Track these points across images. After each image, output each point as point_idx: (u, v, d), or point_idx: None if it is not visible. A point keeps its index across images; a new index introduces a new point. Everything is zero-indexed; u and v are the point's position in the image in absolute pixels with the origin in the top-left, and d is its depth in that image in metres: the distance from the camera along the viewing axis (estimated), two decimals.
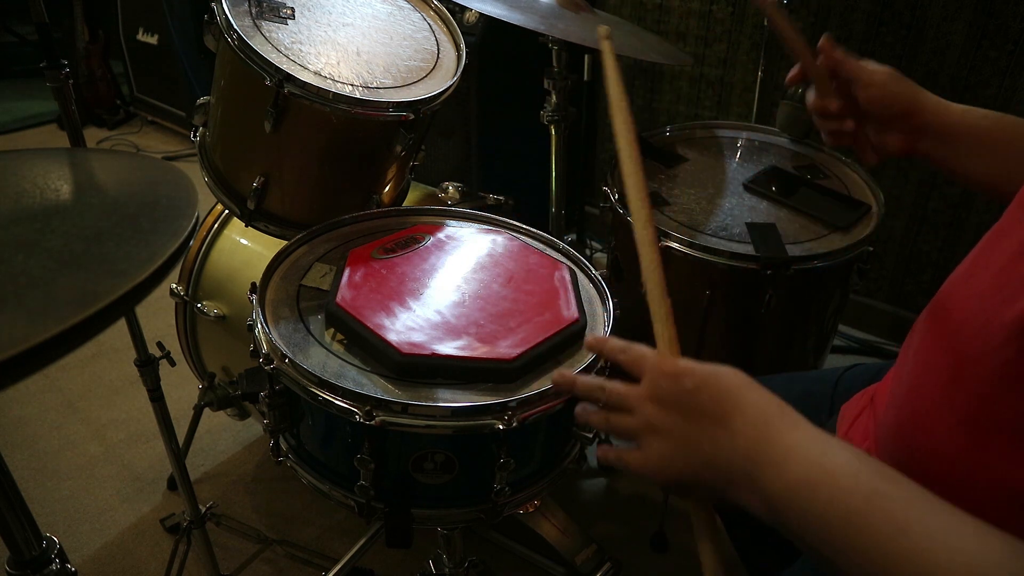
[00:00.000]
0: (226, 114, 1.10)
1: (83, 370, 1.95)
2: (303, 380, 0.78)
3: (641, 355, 0.62)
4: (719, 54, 2.02)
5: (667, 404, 0.59)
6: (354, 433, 0.77)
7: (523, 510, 1.05)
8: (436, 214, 1.12)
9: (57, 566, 0.69)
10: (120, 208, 0.59)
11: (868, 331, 2.07)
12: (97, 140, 3.30)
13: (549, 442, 0.86)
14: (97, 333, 0.45)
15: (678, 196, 1.26)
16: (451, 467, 0.79)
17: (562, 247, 1.04)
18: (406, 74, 1.07)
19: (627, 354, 0.63)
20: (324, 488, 0.85)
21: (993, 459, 0.55)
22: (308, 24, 1.07)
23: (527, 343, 0.81)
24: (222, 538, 1.46)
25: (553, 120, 1.41)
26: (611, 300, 0.91)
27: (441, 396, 0.78)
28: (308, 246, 1.01)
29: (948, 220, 1.84)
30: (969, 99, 1.68)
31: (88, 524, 1.53)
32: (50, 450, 1.71)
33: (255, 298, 0.87)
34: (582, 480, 1.64)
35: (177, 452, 1.27)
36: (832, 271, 1.15)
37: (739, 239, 1.15)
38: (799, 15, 1.83)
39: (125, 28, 3.20)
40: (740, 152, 1.43)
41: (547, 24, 1.18)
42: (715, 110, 2.10)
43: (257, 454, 1.70)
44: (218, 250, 1.38)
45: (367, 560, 1.34)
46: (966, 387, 0.57)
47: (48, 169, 0.66)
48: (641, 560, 1.46)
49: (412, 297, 0.88)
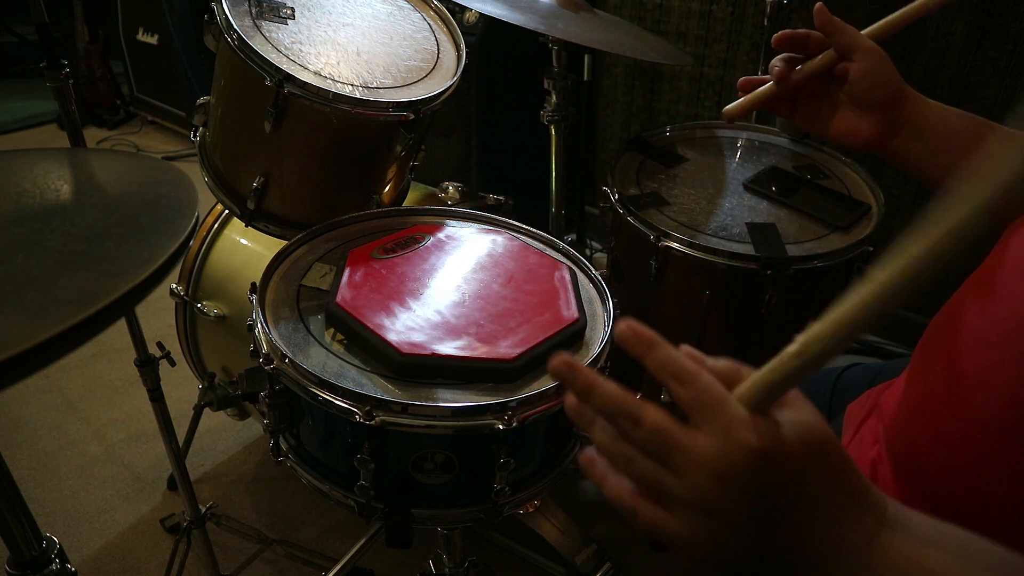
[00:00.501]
0: (226, 114, 1.10)
1: (83, 370, 1.95)
2: (303, 380, 0.78)
3: (715, 401, 0.44)
4: (719, 54, 2.02)
5: (737, 489, 0.43)
6: (354, 433, 0.77)
7: (523, 510, 1.05)
8: (436, 214, 1.12)
9: (57, 566, 0.69)
10: (120, 208, 0.59)
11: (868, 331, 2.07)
12: (97, 140, 3.30)
13: (549, 442, 0.86)
14: (97, 333, 0.45)
15: (678, 196, 1.26)
16: (451, 467, 0.79)
17: (562, 247, 1.04)
18: (406, 74, 1.07)
19: (693, 390, 0.44)
20: (324, 488, 0.85)
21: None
22: (308, 24, 1.07)
23: (527, 343, 0.81)
24: (222, 538, 1.46)
25: (553, 120, 1.41)
26: (611, 300, 0.91)
27: (441, 396, 0.78)
28: (308, 246, 1.01)
29: None
30: (969, 99, 1.69)
31: (88, 524, 1.53)
32: (50, 450, 1.70)
33: (255, 298, 0.87)
34: (582, 480, 1.64)
35: (177, 452, 1.27)
36: (832, 271, 1.15)
37: (739, 239, 1.15)
38: (799, 15, 1.83)
39: (125, 28, 3.20)
40: (740, 152, 1.43)
41: (547, 24, 1.18)
42: (715, 110, 2.10)
43: (257, 454, 1.70)
44: (218, 250, 1.38)
45: (367, 560, 1.34)
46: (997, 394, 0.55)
47: (48, 169, 0.66)
48: (641, 560, 1.46)
49: (412, 297, 0.88)
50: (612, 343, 0.86)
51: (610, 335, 0.86)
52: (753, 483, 0.42)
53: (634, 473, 0.46)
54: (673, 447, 0.43)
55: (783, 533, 0.44)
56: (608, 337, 0.86)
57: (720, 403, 0.43)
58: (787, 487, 0.43)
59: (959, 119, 0.80)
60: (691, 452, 0.43)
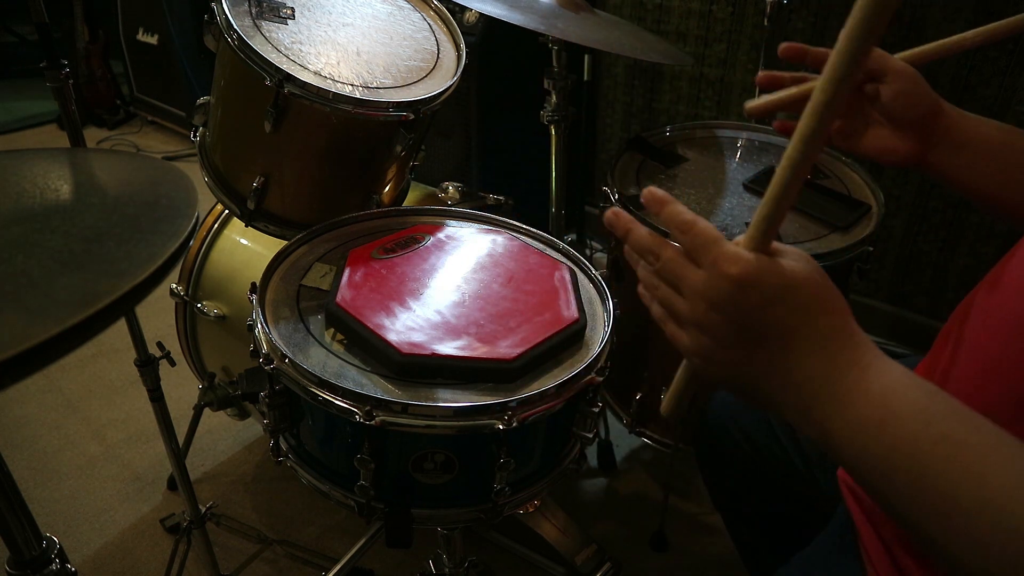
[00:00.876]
0: (226, 114, 1.10)
1: (83, 370, 1.95)
2: (303, 380, 0.78)
3: (706, 241, 0.53)
4: (719, 54, 2.02)
5: (722, 311, 0.52)
6: (354, 433, 0.77)
7: (523, 510, 1.05)
8: (436, 214, 1.12)
9: (57, 566, 0.69)
10: (120, 208, 0.59)
11: (867, 331, 2.03)
12: (97, 140, 3.30)
13: (549, 442, 0.86)
14: (97, 333, 0.45)
15: (678, 196, 1.26)
16: (451, 467, 0.79)
17: (562, 247, 1.04)
18: (406, 74, 1.07)
19: (690, 235, 0.54)
20: (324, 488, 0.85)
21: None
22: (308, 24, 1.07)
23: (527, 343, 0.81)
24: (222, 538, 1.46)
25: (553, 120, 1.41)
26: (611, 300, 0.91)
27: (441, 396, 0.78)
28: (308, 246, 1.01)
29: (948, 220, 1.84)
30: (969, 99, 1.69)
31: (88, 524, 1.53)
32: (50, 450, 1.70)
33: (255, 298, 0.87)
34: (582, 480, 1.64)
35: (177, 452, 1.27)
36: (832, 271, 1.14)
37: None
38: (799, 15, 1.83)
39: (125, 28, 3.20)
40: (740, 152, 1.43)
41: (547, 24, 1.18)
42: (715, 110, 2.10)
43: (257, 454, 1.70)
44: (218, 250, 1.38)
45: (367, 560, 1.34)
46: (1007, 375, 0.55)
47: (48, 169, 0.66)
48: (641, 560, 1.46)
49: (412, 297, 0.88)
50: (612, 343, 0.86)
51: (610, 335, 0.86)
52: (732, 305, 0.52)
53: (658, 297, 0.57)
54: (679, 276, 0.54)
55: (761, 355, 0.52)
56: (608, 337, 0.86)
57: (711, 242, 0.53)
58: (762, 311, 0.51)
59: (999, 131, 0.78)
60: (691, 281, 0.54)
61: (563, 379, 0.78)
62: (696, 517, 1.56)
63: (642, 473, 1.66)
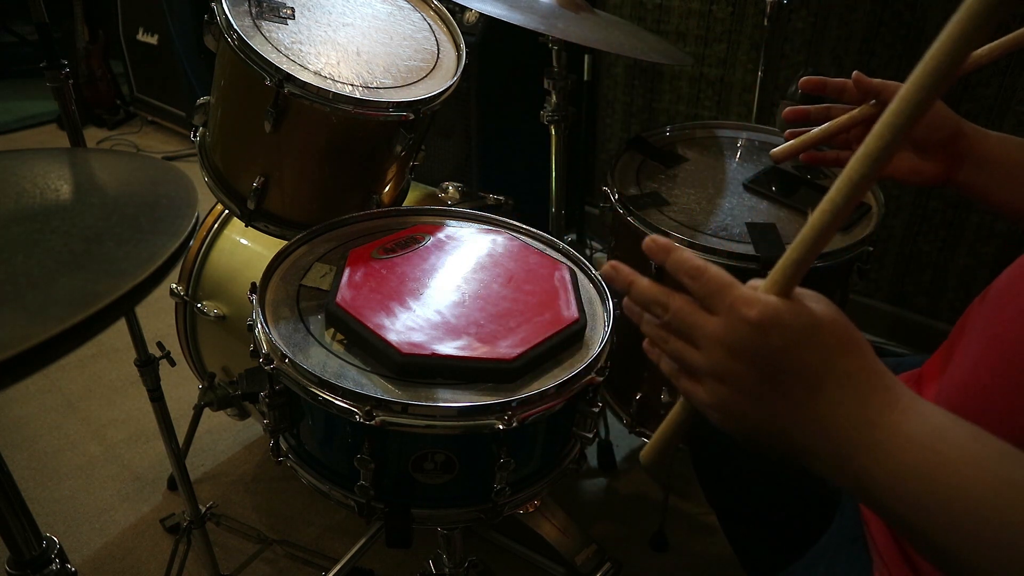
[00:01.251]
0: (226, 114, 1.10)
1: (83, 370, 1.95)
2: (303, 380, 0.78)
3: (721, 286, 0.50)
4: (719, 54, 2.02)
5: (742, 358, 0.49)
6: (354, 433, 0.77)
7: (523, 510, 1.05)
8: (436, 214, 1.12)
9: (57, 566, 0.69)
10: (120, 208, 0.59)
11: (867, 331, 2.07)
12: (97, 140, 3.30)
13: (549, 442, 0.86)
14: (97, 333, 0.45)
15: (678, 196, 1.26)
16: (451, 467, 0.79)
17: (562, 247, 1.04)
18: (406, 74, 1.07)
19: (701, 280, 0.51)
20: (324, 488, 0.85)
21: None
22: (308, 24, 1.07)
23: (527, 343, 0.81)
24: (222, 538, 1.46)
25: (553, 120, 1.41)
26: (611, 300, 0.91)
27: (441, 396, 0.78)
28: (308, 246, 1.01)
29: (948, 220, 1.84)
30: (969, 99, 1.68)
31: (88, 524, 1.53)
32: (50, 450, 1.71)
33: (255, 298, 0.87)
34: (582, 480, 1.64)
35: (177, 452, 1.27)
36: (832, 271, 1.15)
37: (739, 239, 1.15)
38: (799, 15, 1.83)
39: (125, 28, 3.21)
40: (740, 152, 1.43)
41: (547, 24, 1.18)
42: (715, 110, 2.10)
43: (257, 454, 1.70)
44: (218, 250, 1.38)
45: (367, 560, 1.34)
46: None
47: (48, 169, 0.66)
48: (641, 560, 1.46)
49: (412, 297, 0.88)
50: (612, 343, 0.86)
51: (610, 335, 0.86)
52: (753, 351, 0.49)
53: (669, 351, 0.54)
54: (692, 326, 0.51)
55: (787, 403, 0.49)
56: (608, 337, 0.86)
57: (725, 287, 0.50)
58: (785, 354, 0.48)
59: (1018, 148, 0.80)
60: (706, 329, 0.50)
61: (563, 379, 0.78)
62: (696, 517, 1.56)
63: (642, 473, 1.66)
